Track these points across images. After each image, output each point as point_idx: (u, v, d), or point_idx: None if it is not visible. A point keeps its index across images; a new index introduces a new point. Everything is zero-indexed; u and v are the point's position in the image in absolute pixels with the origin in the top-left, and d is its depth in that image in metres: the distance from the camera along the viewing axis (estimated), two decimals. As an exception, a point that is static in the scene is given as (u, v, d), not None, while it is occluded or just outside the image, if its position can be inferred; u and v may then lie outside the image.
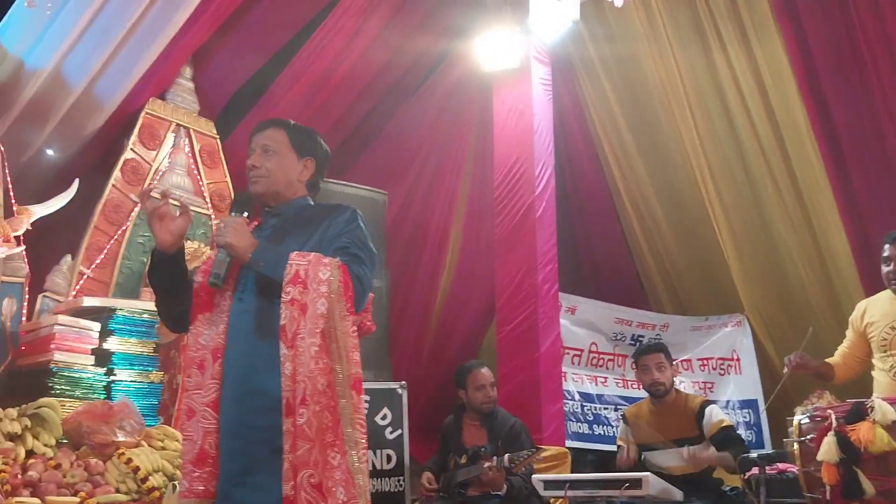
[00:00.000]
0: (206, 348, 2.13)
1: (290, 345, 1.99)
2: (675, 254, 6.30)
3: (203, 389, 2.09)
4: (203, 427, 2.06)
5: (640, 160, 6.11)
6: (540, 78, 5.41)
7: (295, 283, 2.02)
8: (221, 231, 2.11)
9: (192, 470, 2.05)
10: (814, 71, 5.11)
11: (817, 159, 5.27)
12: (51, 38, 4.08)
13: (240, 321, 2.12)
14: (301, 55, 5.07)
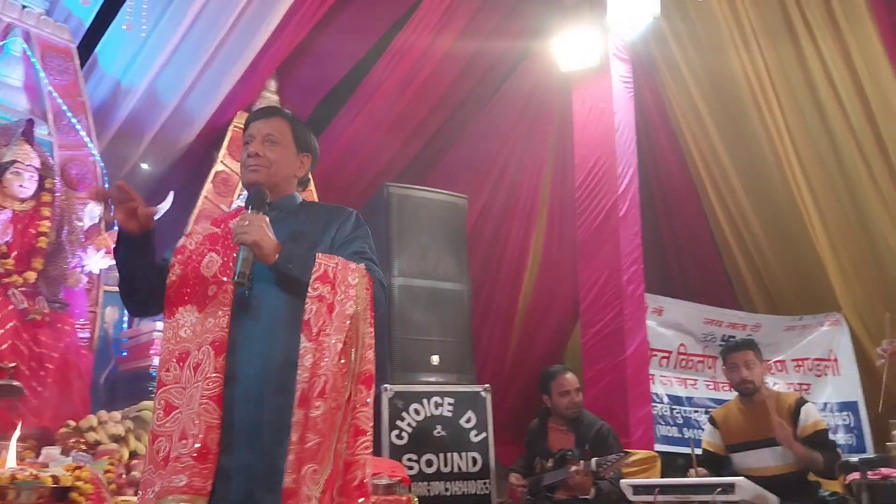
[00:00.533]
0: (194, 341, 2.02)
1: (314, 339, 1.98)
2: (766, 251, 6.10)
3: (207, 382, 1.96)
4: (206, 422, 1.93)
5: (727, 156, 5.94)
6: (620, 75, 5.34)
7: (324, 281, 2.02)
8: (246, 229, 1.98)
9: (192, 465, 1.90)
10: (911, 58, 4.86)
11: (918, 151, 5.03)
12: (144, 57, 4.30)
13: (254, 316, 2.03)
14: (381, 63, 5.17)
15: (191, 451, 1.90)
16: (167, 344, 2.05)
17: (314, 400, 1.92)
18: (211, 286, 2.05)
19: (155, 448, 1.95)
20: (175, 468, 1.91)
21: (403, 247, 4.57)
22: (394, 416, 4.19)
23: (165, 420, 1.98)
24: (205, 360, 1.99)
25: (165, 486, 1.90)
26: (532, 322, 6.06)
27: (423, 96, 5.47)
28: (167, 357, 2.03)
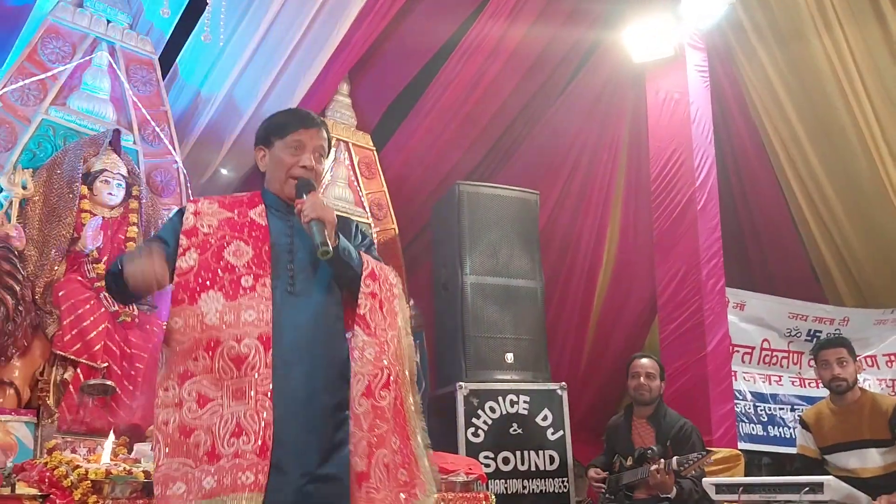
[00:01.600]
0: (226, 331, 1.96)
1: (372, 333, 2.05)
2: (854, 242, 5.86)
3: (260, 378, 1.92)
4: (264, 419, 1.90)
5: (810, 144, 5.72)
6: (695, 65, 5.23)
7: (373, 278, 2.10)
8: (322, 209, 2.01)
9: (256, 462, 1.86)
10: None
11: None
12: (222, 66, 4.44)
13: (298, 309, 2.03)
14: (451, 61, 5.19)
15: (254, 447, 1.87)
16: (190, 331, 1.97)
17: (380, 390, 1.99)
18: (245, 277, 2.02)
19: (192, 441, 1.89)
20: (239, 465, 1.86)
21: (475, 245, 4.58)
22: (469, 414, 4.20)
23: (202, 412, 1.91)
24: (252, 355, 1.94)
25: (226, 482, 1.85)
26: (608, 318, 5.98)
27: (494, 92, 5.46)
28: (192, 345, 1.95)
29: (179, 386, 1.93)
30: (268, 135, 2.23)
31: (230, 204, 2.17)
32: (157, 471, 1.89)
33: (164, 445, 1.90)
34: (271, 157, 2.20)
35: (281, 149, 2.18)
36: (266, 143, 2.22)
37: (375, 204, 4.92)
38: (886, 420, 3.76)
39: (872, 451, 3.75)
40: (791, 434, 5.42)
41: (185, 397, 1.92)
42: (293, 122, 2.21)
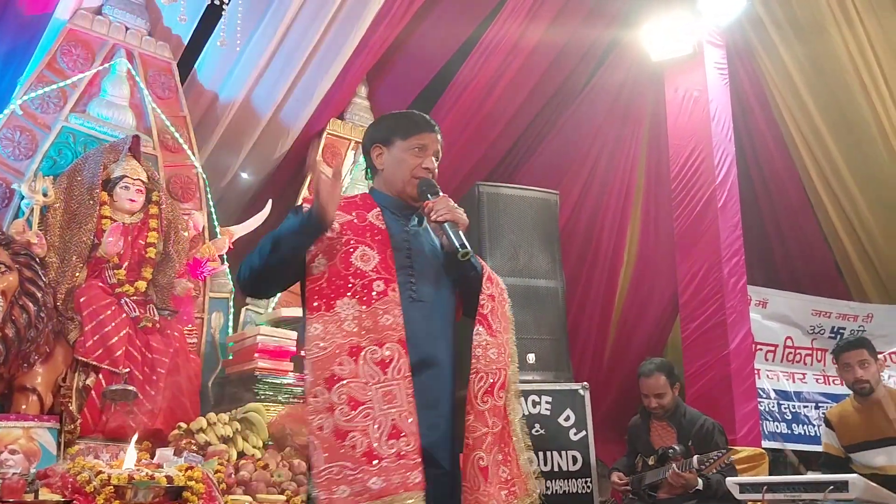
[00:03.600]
0: (366, 336, 1.99)
1: (493, 333, 2.12)
2: (878, 237, 5.79)
3: (406, 381, 1.97)
4: (415, 420, 1.95)
5: (832, 139, 5.66)
6: (714, 62, 5.19)
7: (491, 281, 2.18)
8: (457, 208, 2.11)
9: (419, 462, 1.91)
10: None
11: None
12: (240, 71, 4.45)
13: (426, 315, 2.09)
14: (470, 61, 5.18)
15: (414, 448, 1.92)
16: (331, 337, 1.99)
17: (499, 391, 2.07)
18: (376, 282, 2.05)
19: (349, 443, 1.90)
20: (405, 465, 1.90)
21: (495, 245, 4.55)
22: (492, 416, 4.18)
23: (354, 414, 1.93)
24: (396, 359, 1.98)
25: (395, 481, 1.88)
26: (629, 317, 5.94)
27: (512, 92, 5.44)
28: (336, 351, 1.97)
29: (328, 391, 1.95)
30: (389, 134, 2.25)
31: (346, 206, 2.17)
32: (318, 476, 1.90)
33: (321, 450, 1.92)
34: (391, 156, 2.22)
35: (403, 149, 2.21)
36: (386, 142, 2.24)
37: (394, 206, 4.91)
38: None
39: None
40: (816, 432, 5.36)
41: (335, 401, 1.94)
42: (416, 125, 2.25)
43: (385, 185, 2.24)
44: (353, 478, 1.87)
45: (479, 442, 2.03)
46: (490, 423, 2.04)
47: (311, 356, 1.99)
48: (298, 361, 3.71)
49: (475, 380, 2.06)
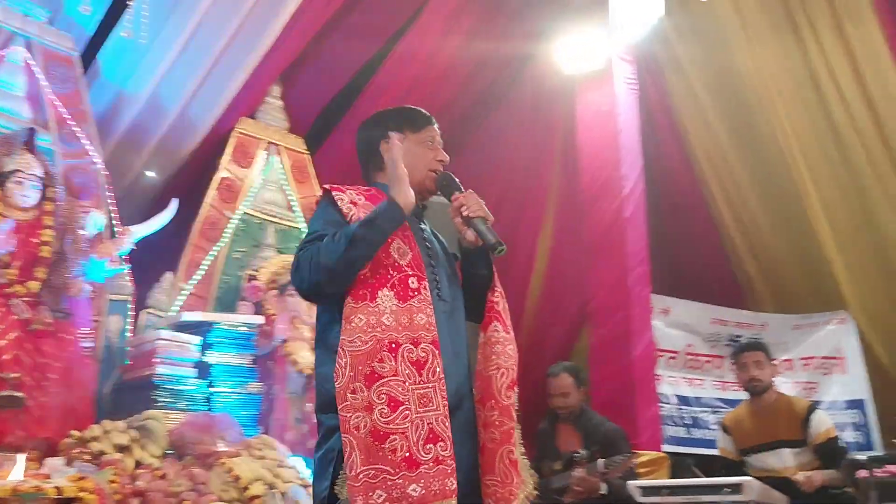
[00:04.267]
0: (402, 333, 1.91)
1: (507, 330, 2.10)
2: (774, 250, 6.08)
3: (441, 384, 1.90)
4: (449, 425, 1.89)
5: (734, 155, 5.92)
6: (624, 77, 5.33)
7: (497, 279, 2.16)
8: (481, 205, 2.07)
9: (454, 468, 1.85)
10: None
11: (921, 147, 5.00)
12: (147, 65, 4.30)
13: (449, 315, 2.05)
14: (385, 68, 5.16)
15: (450, 454, 1.86)
16: (371, 330, 1.89)
17: (515, 386, 2.04)
18: (411, 278, 1.98)
19: (388, 447, 1.82)
20: (443, 471, 1.85)
21: (409, 251, 4.55)
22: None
23: (394, 416, 1.84)
24: (431, 360, 1.92)
25: (435, 488, 1.83)
26: (540, 325, 6.04)
27: (428, 102, 5.39)
28: (377, 346, 1.88)
29: (368, 389, 1.85)
30: (399, 127, 2.19)
31: (371, 198, 2.07)
32: (354, 479, 1.79)
33: (358, 451, 1.81)
34: (405, 150, 2.13)
35: (417, 142, 2.18)
36: (392, 136, 2.16)
37: (307, 209, 4.84)
38: (800, 421, 3.92)
39: (787, 452, 3.90)
40: (713, 436, 5.57)
41: (375, 400, 1.84)
42: (424, 117, 2.24)
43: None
44: (391, 483, 1.80)
45: (508, 436, 2.00)
46: (515, 416, 2.03)
47: (352, 349, 1.88)
48: (200, 367, 3.60)
49: (497, 375, 2.04)
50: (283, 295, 4.18)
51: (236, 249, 4.48)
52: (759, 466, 3.95)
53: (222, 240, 4.44)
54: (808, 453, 3.89)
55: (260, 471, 3.11)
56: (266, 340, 4.04)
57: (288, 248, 4.64)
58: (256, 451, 3.30)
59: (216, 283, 4.36)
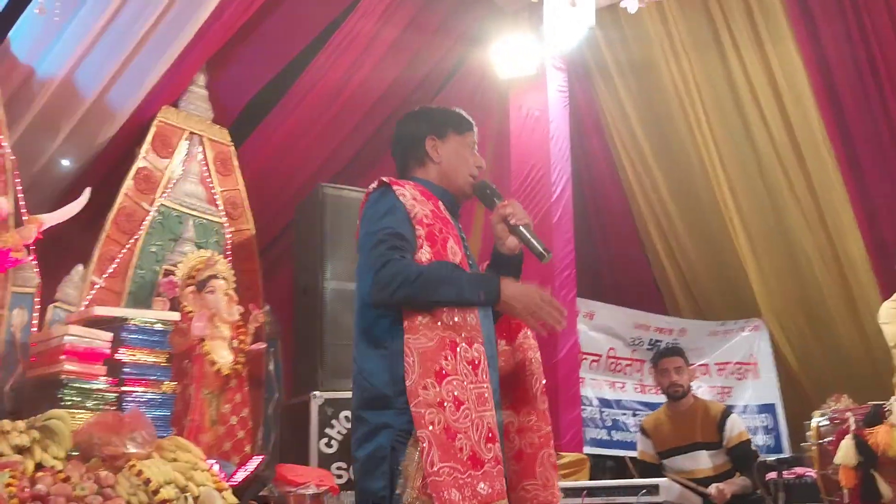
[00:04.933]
0: (459, 333, 1.93)
1: (535, 337, 2.20)
2: (693, 258, 6.25)
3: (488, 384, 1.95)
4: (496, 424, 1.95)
5: (657, 165, 6.06)
6: (556, 84, 5.40)
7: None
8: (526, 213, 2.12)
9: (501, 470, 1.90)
10: (828, 73, 5.08)
11: (832, 162, 5.24)
12: (63, 46, 4.07)
13: (485, 317, 2.06)
14: (316, 63, 5.05)
15: (499, 455, 1.92)
16: (435, 328, 1.91)
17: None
18: None
19: (457, 445, 1.83)
20: (500, 470, 1.89)
21: (337, 249, 4.47)
22: (323, 424, 4.09)
23: (458, 415, 1.86)
24: (482, 360, 1.94)
25: (497, 488, 1.87)
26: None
27: (361, 97, 5.38)
28: (440, 343, 1.89)
29: (439, 385, 1.86)
30: (444, 126, 2.23)
31: (423, 193, 2.09)
32: (431, 476, 1.79)
33: (436, 448, 1.81)
34: (448, 149, 2.20)
35: (460, 144, 2.22)
36: (441, 135, 2.21)
37: (230, 203, 4.69)
38: (715, 425, 4.06)
39: (704, 454, 4.02)
40: (633, 438, 5.68)
41: (445, 397, 1.85)
42: (467, 121, 2.29)
43: (442, 178, 2.18)
44: (462, 481, 1.81)
45: (547, 440, 2.10)
46: (549, 421, 2.13)
47: (419, 346, 1.89)
48: (112, 365, 3.43)
49: (532, 381, 2.14)
50: (202, 291, 4.04)
51: (153, 243, 4.30)
52: (677, 468, 4.05)
53: (138, 232, 4.25)
54: (722, 455, 4.02)
55: (172, 474, 2.97)
56: (182, 338, 3.90)
57: (207, 242, 4.48)
58: (169, 453, 3.15)
59: (130, 277, 4.17)
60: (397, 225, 1.98)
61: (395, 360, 1.91)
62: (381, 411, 1.91)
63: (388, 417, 1.89)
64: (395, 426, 1.88)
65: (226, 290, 4.12)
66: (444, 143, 2.21)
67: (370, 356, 1.98)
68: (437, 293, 1.92)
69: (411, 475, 1.82)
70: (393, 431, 1.88)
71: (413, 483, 1.81)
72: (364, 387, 1.98)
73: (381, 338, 1.96)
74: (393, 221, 1.99)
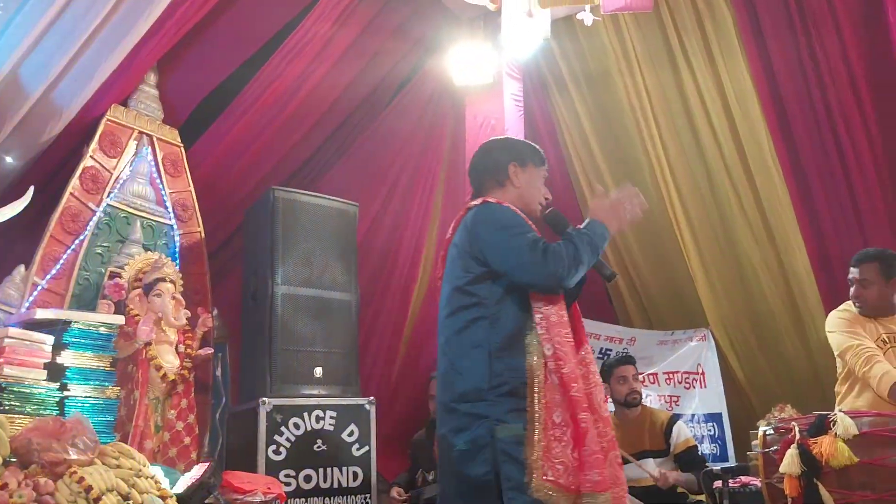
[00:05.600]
0: (573, 335, 2.36)
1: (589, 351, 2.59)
2: (643, 268, 6.33)
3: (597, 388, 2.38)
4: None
5: (609, 175, 6.14)
6: (512, 93, 5.43)
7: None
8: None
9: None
10: (776, 91, 5.20)
11: (779, 177, 5.36)
12: (7, 40, 3.94)
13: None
14: (270, 64, 4.98)
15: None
16: (562, 328, 2.30)
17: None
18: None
19: (593, 433, 2.23)
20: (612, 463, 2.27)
21: (288, 253, 4.41)
22: (272, 431, 4.02)
23: (586, 406, 2.25)
24: (589, 361, 2.41)
25: (613, 477, 2.23)
26: (420, 334, 6.01)
27: (316, 100, 5.32)
28: (571, 344, 2.30)
29: (583, 381, 2.32)
30: (526, 155, 2.63)
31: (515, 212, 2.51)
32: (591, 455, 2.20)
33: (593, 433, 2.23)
34: (528, 177, 2.60)
35: (536, 175, 2.62)
36: (522, 163, 2.59)
37: (180, 204, 4.60)
38: (662, 432, 4.11)
39: (650, 462, 4.07)
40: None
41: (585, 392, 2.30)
42: (543, 158, 2.70)
43: (519, 201, 2.53)
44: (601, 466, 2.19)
45: (613, 442, 2.33)
46: (611, 425, 2.39)
47: (565, 341, 2.28)
48: (54, 369, 3.32)
49: (597, 391, 2.35)
50: (149, 295, 3.95)
51: (99, 244, 4.18)
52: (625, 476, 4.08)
53: (84, 233, 4.13)
54: (669, 463, 4.08)
55: (114, 480, 2.88)
56: (127, 342, 3.81)
57: (156, 244, 4.38)
58: (112, 459, 3.06)
59: (75, 279, 4.04)
60: (529, 228, 2.42)
61: (494, 356, 2.26)
62: (473, 403, 2.22)
63: (480, 409, 2.21)
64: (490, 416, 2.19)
65: (173, 293, 4.03)
66: (524, 171, 2.58)
67: (466, 354, 2.29)
68: (592, 252, 2.44)
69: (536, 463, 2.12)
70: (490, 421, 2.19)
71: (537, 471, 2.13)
72: (457, 381, 2.28)
73: (477, 339, 2.31)
74: (528, 227, 2.42)
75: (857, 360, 3.30)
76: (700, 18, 5.38)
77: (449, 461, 2.26)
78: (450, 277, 2.50)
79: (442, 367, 2.36)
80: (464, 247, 2.46)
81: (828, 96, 5.01)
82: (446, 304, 2.43)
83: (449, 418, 2.26)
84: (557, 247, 2.35)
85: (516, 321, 2.34)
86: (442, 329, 2.44)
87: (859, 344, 3.34)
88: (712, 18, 5.33)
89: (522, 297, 2.36)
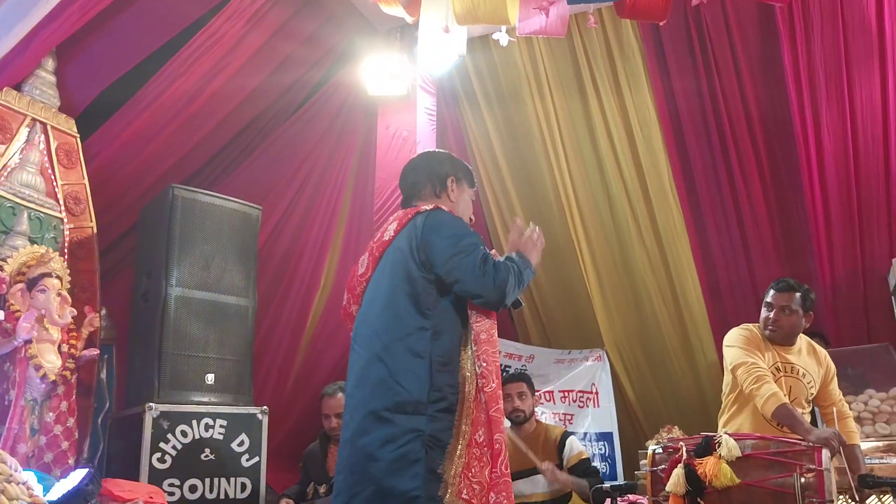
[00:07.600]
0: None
1: None
2: (544, 287, 6.45)
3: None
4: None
5: (515, 194, 6.25)
6: (425, 107, 5.47)
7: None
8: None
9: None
10: (678, 124, 5.46)
11: (676, 206, 5.61)
12: None
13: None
14: (176, 60, 4.82)
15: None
16: (491, 346, 2.35)
17: None
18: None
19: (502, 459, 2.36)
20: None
21: (185, 255, 4.26)
22: (157, 438, 3.86)
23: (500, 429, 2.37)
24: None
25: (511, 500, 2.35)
26: (319, 344, 5.91)
27: (222, 100, 5.18)
28: (495, 365, 2.35)
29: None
30: (463, 174, 2.70)
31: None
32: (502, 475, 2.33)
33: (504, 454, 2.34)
34: (462, 194, 2.68)
35: (468, 194, 2.69)
36: (459, 180, 2.67)
37: (72, 197, 4.37)
38: (555, 447, 4.18)
39: (541, 478, 4.12)
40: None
41: (495, 419, 2.39)
42: (474, 181, 2.78)
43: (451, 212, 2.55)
44: (509, 489, 2.36)
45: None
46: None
47: (493, 360, 2.34)
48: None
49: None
50: (32, 290, 3.73)
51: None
52: (516, 493, 4.10)
53: (-34, 221, 3.87)
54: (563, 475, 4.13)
55: (-21, 488, 2.70)
56: (6, 339, 3.58)
57: (43, 238, 4.14)
58: (-21, 465, 2.87)
59: (-49, 270, 3.78)
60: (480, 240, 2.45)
61: (435, 369, 2.26)
62: (408, 416, 2.20)
63: (414, 423, 2.19)
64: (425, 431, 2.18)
65: (59, 289, 3.82)
66: (460, 188, 2.65)
67: (407, 363, 2.26)
68: (521, 282, 2.43)
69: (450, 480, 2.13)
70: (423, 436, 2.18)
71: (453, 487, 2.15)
72: (395, 391, 2.23)
73: (419, 349, 2.28)
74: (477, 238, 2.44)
75: (747, 378, 3.33)
76: (610, 48, 5.58)
77: (367, 469, 2.20)
78: (391, 280, 2.45)
79: (375, 372, 2.30)
80: (410, 252, 2.42)
81: (724, 132, 5.29)
82: (386, 305, 2.39)
83: (378, 426, 2.21)
84: (504, 264, 2.39)
85: (456, 336, 2.34)
86: (376, 331, 2.39)
87: (753, 363, 3.38)
88: (621, 50, 5.54)
89: (461, 311, 2.36)
